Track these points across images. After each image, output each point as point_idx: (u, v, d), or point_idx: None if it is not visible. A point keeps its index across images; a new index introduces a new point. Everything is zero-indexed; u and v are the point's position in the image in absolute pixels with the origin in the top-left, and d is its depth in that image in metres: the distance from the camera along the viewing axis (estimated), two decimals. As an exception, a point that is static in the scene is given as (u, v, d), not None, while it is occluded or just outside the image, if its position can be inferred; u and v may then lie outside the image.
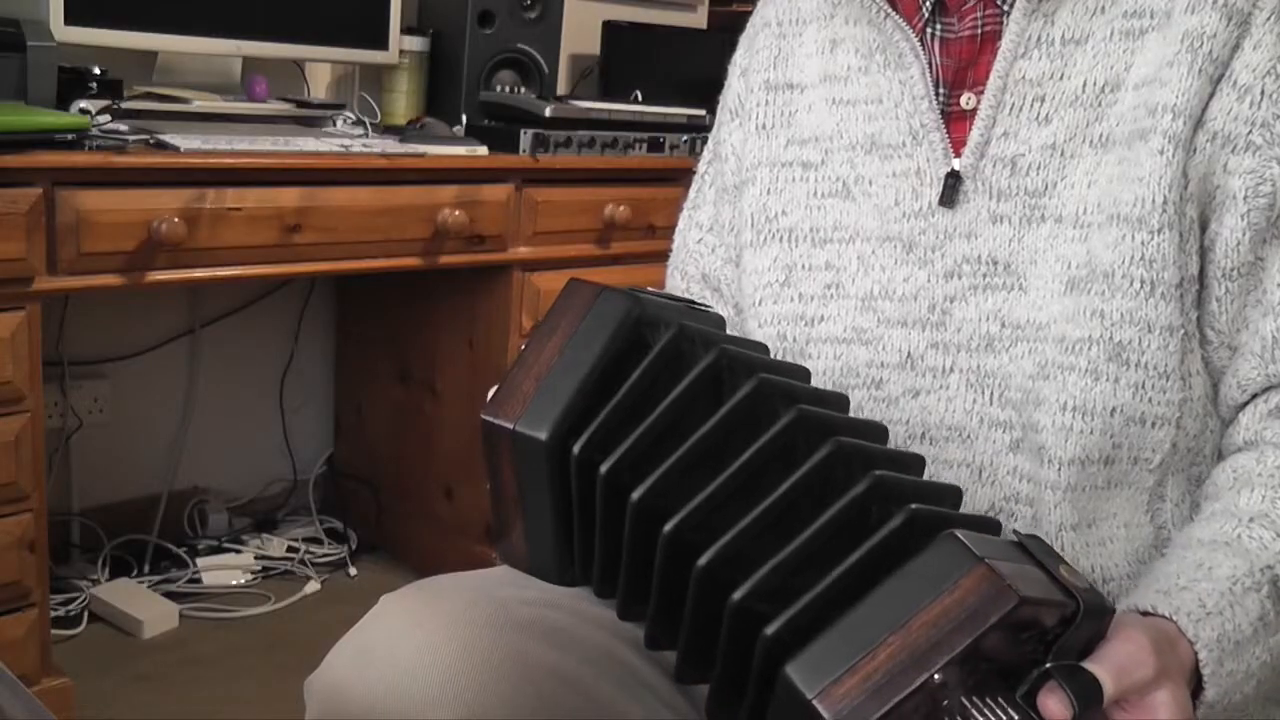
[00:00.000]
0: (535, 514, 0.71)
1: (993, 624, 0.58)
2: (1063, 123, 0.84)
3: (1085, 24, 0.84)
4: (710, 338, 0.73)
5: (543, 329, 0.73)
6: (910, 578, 0.61)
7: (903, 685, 0.57)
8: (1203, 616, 0.72)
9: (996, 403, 0.85)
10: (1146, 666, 0.66)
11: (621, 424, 0.69)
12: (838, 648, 0.59)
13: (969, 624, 0.58)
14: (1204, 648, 0.71)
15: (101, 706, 1.89)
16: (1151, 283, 0.80)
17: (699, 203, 1.08)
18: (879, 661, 0.58)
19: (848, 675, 0.58)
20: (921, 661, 0.58)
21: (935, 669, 0.57)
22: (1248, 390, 0.83)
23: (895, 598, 0.60)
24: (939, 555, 0.61)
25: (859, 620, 0.60)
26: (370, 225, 1.98)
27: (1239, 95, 0.80)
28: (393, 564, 2.47)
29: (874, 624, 0.59)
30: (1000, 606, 0.59)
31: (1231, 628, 0.72)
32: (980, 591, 0.59)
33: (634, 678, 0.79)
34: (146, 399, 2.40)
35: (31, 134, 1.62)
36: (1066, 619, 0.62)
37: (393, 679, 0.71)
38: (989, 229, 0.86)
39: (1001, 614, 0.58)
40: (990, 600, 0.59)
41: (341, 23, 2.24)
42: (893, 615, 0.59)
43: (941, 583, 0.60)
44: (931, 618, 0.59)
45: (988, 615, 0.58)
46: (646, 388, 0.70)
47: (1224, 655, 0.72)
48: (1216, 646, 0.71)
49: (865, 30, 0.93)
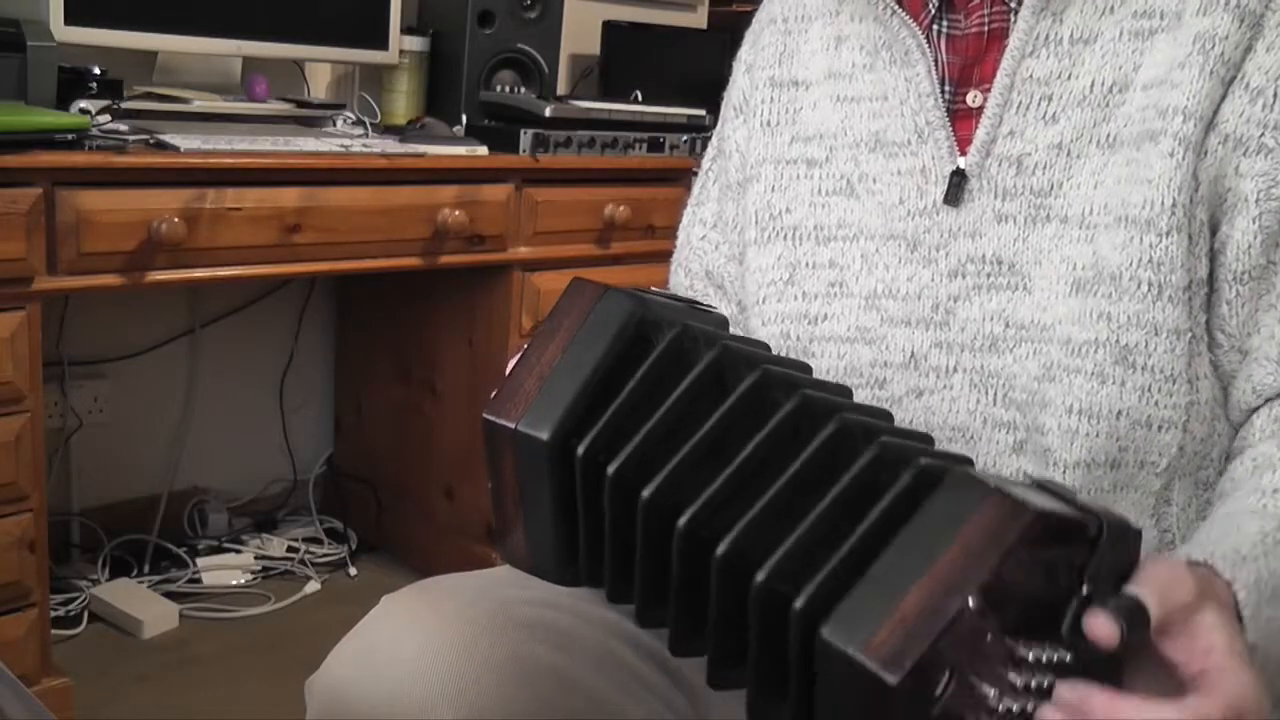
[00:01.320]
0: (536, 514, 0.71)
1: (1015, 542, 0.58)
2: (1070, 122, 0.84)
3: (1094, 23, 0.84)
4: (713, 337, 0.72)
5: (546, 328, 0.72)
6: (927, 522, 0.60)
7: (940, 619, 0.57)
8: (1239, 561, 0.70)
9: (1000, 403, 0.85)
10: (1187, 585, 0.64)
11: (625, 423, 0.69)
12: (868, 601, 0.58)
13: (992, 547, 0.58)
14: (1242, 588, 0.69)
15: (101, 706, 1.89)
16: (1159, 285, 0.80)
17: (703, 199, 1.07)
18: (911, 603, 0.57)
19: (884, 623, 0.57)
20: (952, 592, 0.57)
21: (967, 596, 0.57)
22: (1263, 395, 0.83)
23: (915, 544, 0.60)
24: (951, 495, 0.61)
25: (884, 572, 0.59)
26: (370, 225, 1.98)
27: (1251, 97, 0.79)
28: (393, 564, 2.47)
29: (899, 571, 0.59)
30: (1019, 523, 0.58)
31: (1267, 574, 0.71)
32: (998, 515, 0.59)
33: (635, 678, 0.78)
34: (146, 399, 2.40)
35: (31, 134, 1.62)
36: (1092, 540, 0.62)
37: (393, 679, 0.71)
38: (994, 228, 0.85)
39: (1021, 530, 0.58)
40: (1008, 520, 0.58)
41: (341, 23, 2.24)
42: (916, 559, 0.59)
43: (958, 518, 0.59)
44: (954, 552, 0.58)
45: (1008, 535, 0.58)
46: (650, 387, 0.70)
47: (1262, 600, 0.70)
48: (1255, 590, 0.70)
49: (871, 27, 0.92)
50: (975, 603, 0.57)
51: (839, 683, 0.58)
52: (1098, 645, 0.61)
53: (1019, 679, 0.61)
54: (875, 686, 0.56)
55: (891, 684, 0.56)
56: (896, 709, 0.57)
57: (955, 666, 0.58)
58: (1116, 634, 0.61)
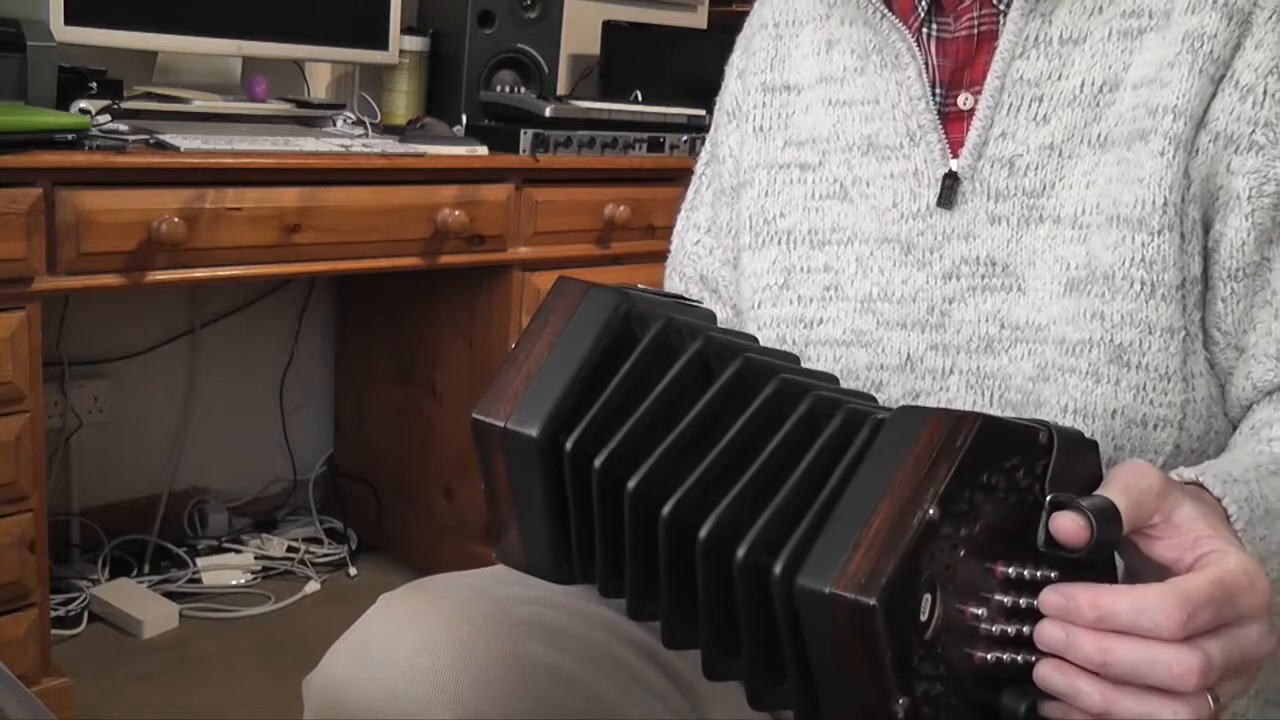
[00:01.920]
0: (529, 512, 0.71)
1: (965, 450, 0.58)
2: (1061, 123, 0.84)
3: (1083, 24, 0.84)
4: (697, 329, 0.73)
5: (532, 327, 0.73)
6: (876, 458, 0.61)
7: (904, 534, 0.57)
8: (1229, 480, 0.70)
9: (996, 404, 0.85)
10: (1151, 475, 0.64)
11: (612, 418, 0.69)
12: (834, 542, 0.59)
13: (943, 458, 0.58)
14: (1233, 502, 0.68)
15: (101, 706, 1.89)
16: (1152, 284, 0.80)
17: (696, 204, 1.07)
18: (874, 529, 0.58)
19: (852, 555, 0.57)
20: (912, 508, 0.57)
21: (928, 506, 0.57)
22: (1262, 390, 0.83)
23: (871, 478, 0.60)
24: (898, 425, 0.62)
25: (843, 513, 0.60)
26: (370, 225, 1.98)
27: (1241, 95, 0.79)
28: (393, 564, 2.47)
29: (860, 506, 0.59)
30: (967, 430, 0.59)
31: (1259, 496, 0.70)
32: (944, 429, 0.59)
33: (633, 677, 0.78)
34: (146, 399, 2.40)
35: (31, 134, 1.62)
36: (1044, 447, 0.62)
37: (390, 678, 0.71)
38: (987, 230, 0.85)
39: (969, 437, 0.58)
40: (954, 432, 0.59)
41: (341, 23, 2.24)
42: (873, 489, 0.59)
43: (908, 441, 0.60)
44: (906, 471, 0.59)
45: (957, 444, 0.58)
46: (635, 381, 0.70)
47: (1254, 518, 0.69)
48: (1246, 505, 0.69)
49: (861, 31, 0.93)
50: (936, 512, 0.57)
51: (826, 628, 0.58)
52: (1069, 547, 0.61)
53: (1007, 599, 0.61)
54: (859, 615, 0.56)
55: (871, 605, 0.55)
56: (887, 637, 0.56)
57: (935, 587, 0.58)
58: (1086, 532, 0.60)
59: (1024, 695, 0.61)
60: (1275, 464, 0.75)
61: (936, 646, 0.58)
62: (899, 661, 0.56)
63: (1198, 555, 0.62)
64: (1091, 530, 0.60)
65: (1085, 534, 0.60)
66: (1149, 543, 0.64)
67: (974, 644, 0.60)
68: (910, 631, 0.57)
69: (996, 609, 0.61)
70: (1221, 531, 0.64)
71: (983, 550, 0.60)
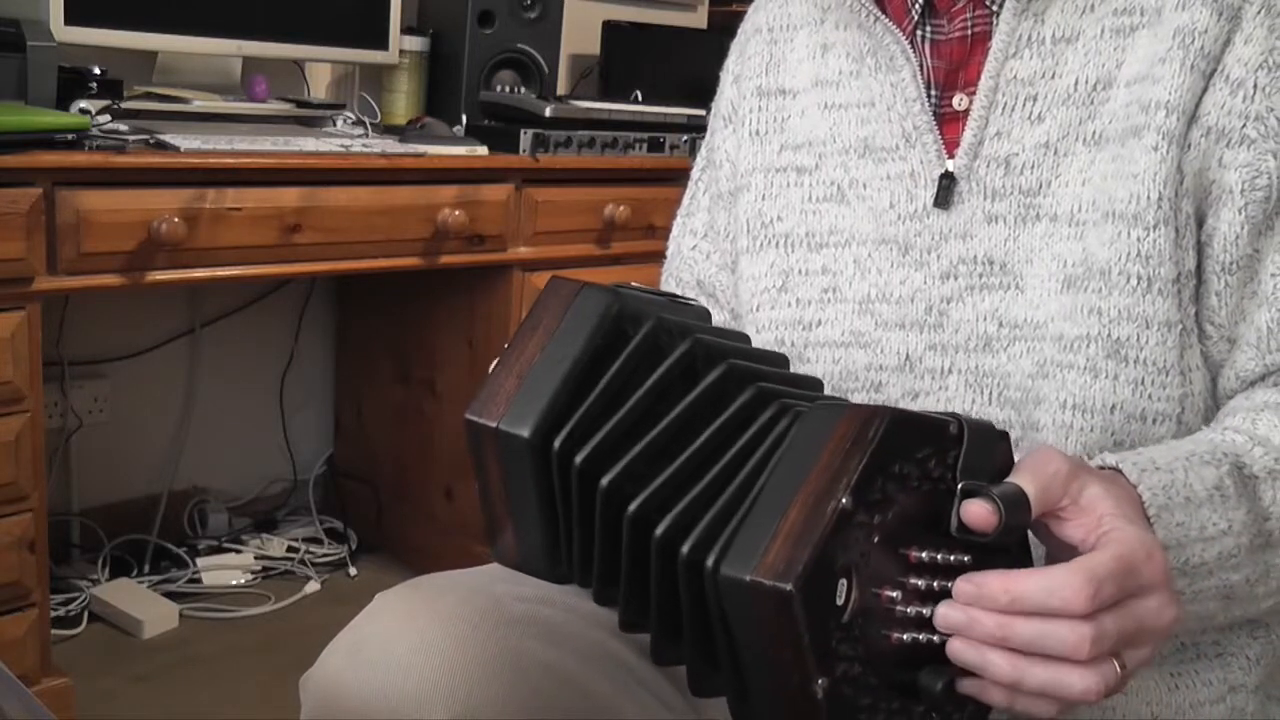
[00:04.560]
0: (523, 512, 0.71)
1: (877, 443, 0.61)
2: (1055, 121, 0.84)
3: (1075, 22, 0.85)
4: (686, 329, 0.73)
5: (525, 327, 0.73)
6: (795, 450, 0.64)
7: (819, 522, 0.60)
8: (1150, 468, 0.73)
9: (996, 403, 0.85)
10: (1057, 459, 0.67)
11: (601, 418, 0.69)
12: (755, 533, 0.62)
13: (856, 449, 0.62)
14: (1147, 489, 0.71)
15: (101, 706, 1.89)
16: (1148, 279, 0.80)
17: (693, 209, 1.08)
18: (792, 518, 0.61)
19: (771, 544, 0.61)
20: (827, 498, 0.61)
21: (842, 495, 0.60)
22: (1245, 380, 0.83)
23: (787, 473, 0.63)
24: (812, 423, 0.65)
25: (763, 505, 0.63)
26: (370, 225, 1.98)
27: (1232, 89, 0.80)
28: (393, 564, 2.48)
29: (777, 497, 0.62)
30: (878, 423, 0.62)
31: (1182, 484, 0.73)
32: (856, 422, 0.63)
33: (630, 675, 0.79)
34: (146, 399, 2.40)
35: (31, 134, 1.62)
36: (955, 437, 0.65)
37: (387, 676, 0.71)
38: (984, 229, 0.86)
39: (882, 428, 0.62)
40: (866, 426, 0.62)
41: (341, 23, 2.24)
42: (790, 482, 0.62)
43: (824, 435, 0.63)
44: (822, 464, 0.62)
45: (869, 436, 0.62)
46: (624, 381, 0.70)
47: (1172, 505, 0.72)
48: (1163, 493, 0.72)
49: (855, 34, 0.93)
50: (849, 502, 0.60)
51: (748, 615, 0.61)
52: (979, 532, 0.64)
53: (921, 583, 0.64)
54: (778, 601, 0.59)
55: (789, 591, 0.59)
56: (805, 621, 0.59)
57: (851, 572, 0.61)
58: (995, 517, 0.63)
59: (941, 673, 0.64)
60: (1213, 453, 0.76)
61: (854, 629, 0.61)
62: (818, 644, 0.60)
63: (1101, 533, 0.65)
64: (1000, 515, 0.63)
65: (994, 519, 0.63)
66: (1059, 524, 0.67)
67: (890, 626, 0.63)
68: (828, 615, 0.60)
69: (911, 592, 0.64)
70: (1124, 510, 0.67)
71: (897, 537, 0.63)
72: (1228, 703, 0.85)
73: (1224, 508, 0.74)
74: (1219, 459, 0.75)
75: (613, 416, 0.69)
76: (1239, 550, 0.74)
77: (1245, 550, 0.74)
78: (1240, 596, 0.76)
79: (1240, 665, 0.85)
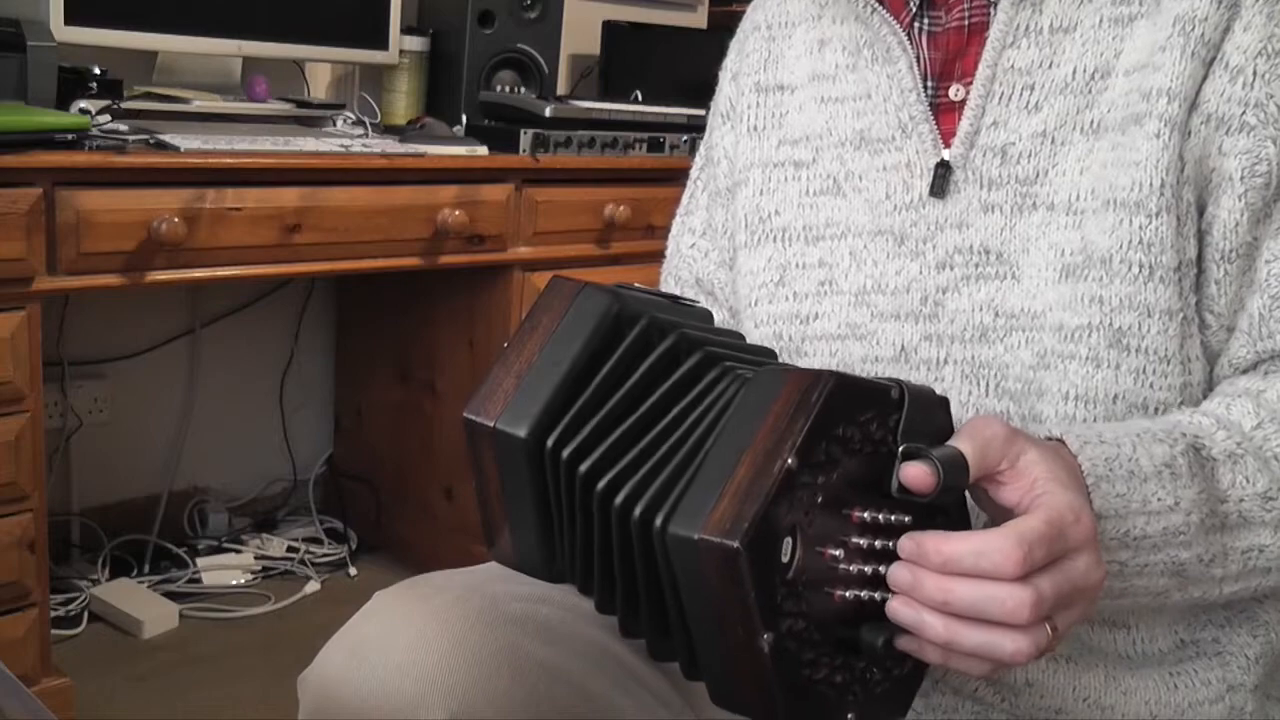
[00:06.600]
0: (519, 511, 0.72)
1: (820, 405, 0.63)
2: (1053, 110, 0.84)
3: (1073, 12, 0.85)
4: (676, 326, 0.73)
5: (524, 326, 0.73)
6: (740, 414, 0.66)
7: (765, 482, 0.62)
8: (1094, 441, 0.74)
9: (993, 394, 0.85)
10: (997, 426, 0.68)
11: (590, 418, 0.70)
12: (702, 492, 0.63)
13: (800, 413, 0.63)
14: (1087, 460, 0.72)
15: (101, 706, 1.89)
16: (1150, 267, 0.80)
17: (691, 208, 1.08)
18: (739, 478, 0.63)
19: (718, 503, 0.62)
20: (772, 458, 0.62)
21: (787, 456, 0.62)
22: (1238, 369, 0.83)
23: (733, 434, 0.65)
24: (758, 387, 0.66)
25: (711, 464, 0.64)
26: (370, 225, 1.98)
27: (1231, 77, 0.80)
28: (393, 564, 2.48)
29: (724, 458, 0.64)
30: (821, 387, 0.64)
31: (1127, 458, 0.74)
32: (800, 387, 0.65)
33: (628, 673, 0.78)
34: (146, 399, 2.40)
35: (31, 134, 1.62)
36: (896, 402, 0.67)
37: (384, 675, 0.71)
38: (980, 218, 0.86)
39: (825, 392, 0.64)
40: (810, 389, 0.64)
41: (341, 23, 2.24)
42: (737, 444, 0.64)
43: (769, 398, 0.65)
44: (768, 426, 0.64)
45: (812, 399, 0.63)
46: (618, 380, 0.71)
47: (1113, 476, 0.73)
48: (1103, 464, 0.73)
49: (853, 27, 0.93)
50: (794, 462, 0.62)
51: (696, 573, 0.63)
52: (918, 493, 0.65)
53: (864, 542, 0.66)
54: (725, 557, 0.61)
55: (735, 547, 0.60)
56: (750, 577, 0.61)
57: (795, 531, 0.63)
58: (933, 479, 0.65)
59: (881, 629, 0.66)
60: (1170, 433, 0.77)
61: (798, 586, 0.63)
62: (763, 600, 0.61)
63: (1034, 496, 0.67)
64: (938, 477, 0.65)
65: (932, 480, 0.65)
66: (997, 488, 0.68)
67: (834, 583, 0.65)
68: (773, 572, 0.62)
69: (854, 551, 0.66)
70: (1059, 475, 0.68)
71: (840, 497, 0.65)
72: (1227, 702, 0.85)
73: (1173, 484, 0.74)
74: (1175, 439, 0.76)
75: (610, 417, 0.69)
76: (1188, 528, 0.75)
77: (1196, 528, 0.75)
78: (1195, 577, 0.76)
79: (1239, 665, 0.85)
